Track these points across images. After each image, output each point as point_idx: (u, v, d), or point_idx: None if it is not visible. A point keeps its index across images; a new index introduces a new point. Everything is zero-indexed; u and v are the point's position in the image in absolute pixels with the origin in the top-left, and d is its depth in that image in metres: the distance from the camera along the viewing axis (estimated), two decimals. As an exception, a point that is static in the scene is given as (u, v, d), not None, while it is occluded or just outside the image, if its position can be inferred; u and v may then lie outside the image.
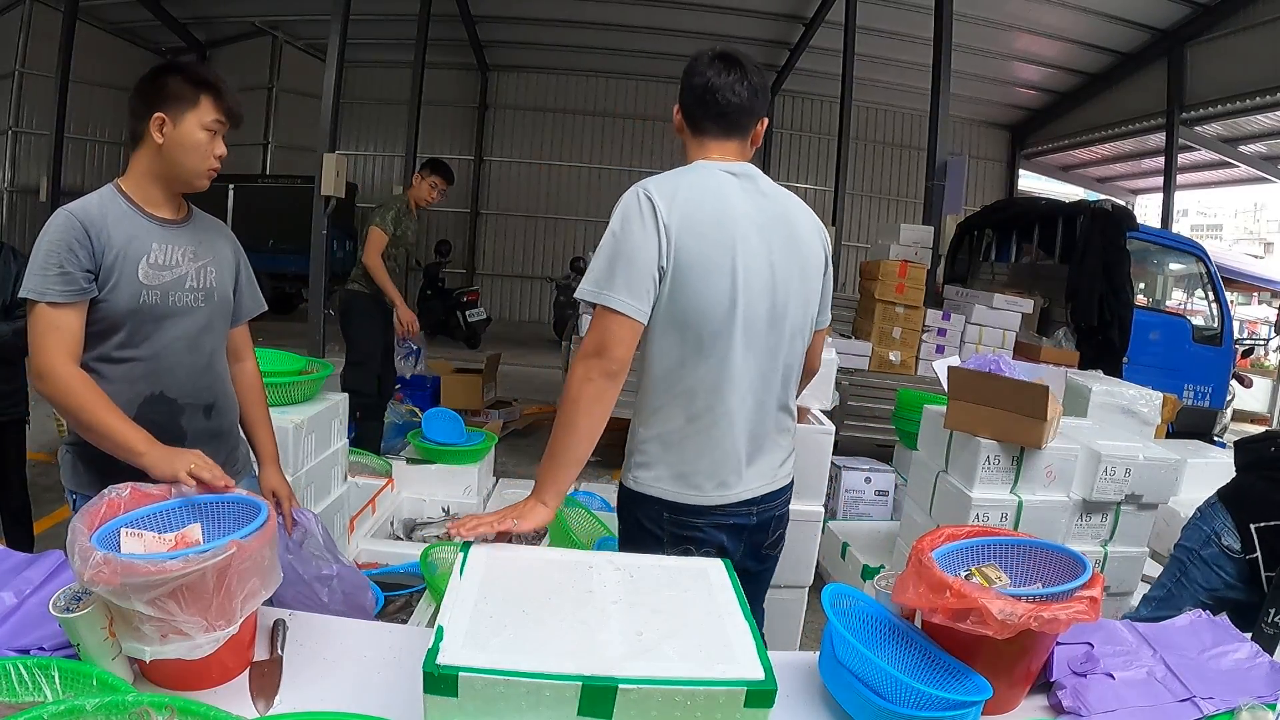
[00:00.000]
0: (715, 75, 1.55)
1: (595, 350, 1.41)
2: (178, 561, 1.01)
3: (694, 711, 0.94)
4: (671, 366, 1.50)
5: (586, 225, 14.34)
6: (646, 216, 1.44)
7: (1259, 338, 12.54)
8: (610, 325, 1.41)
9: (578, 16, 11.75)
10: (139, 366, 1.57)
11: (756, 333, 1.52)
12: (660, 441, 1.52)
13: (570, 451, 1.43)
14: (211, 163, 1.59)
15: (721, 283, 1.47)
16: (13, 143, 11.74)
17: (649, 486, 1.53)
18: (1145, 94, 11.37)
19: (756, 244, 1.50)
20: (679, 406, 1.50)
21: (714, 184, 1.51)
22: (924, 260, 5.96)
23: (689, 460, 1.51)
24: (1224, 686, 1.26)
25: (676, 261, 1.44)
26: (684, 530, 1.53)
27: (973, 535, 1.38)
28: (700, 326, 1.47)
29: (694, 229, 1.45)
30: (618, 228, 1.46)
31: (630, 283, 1.42)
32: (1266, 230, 30.28)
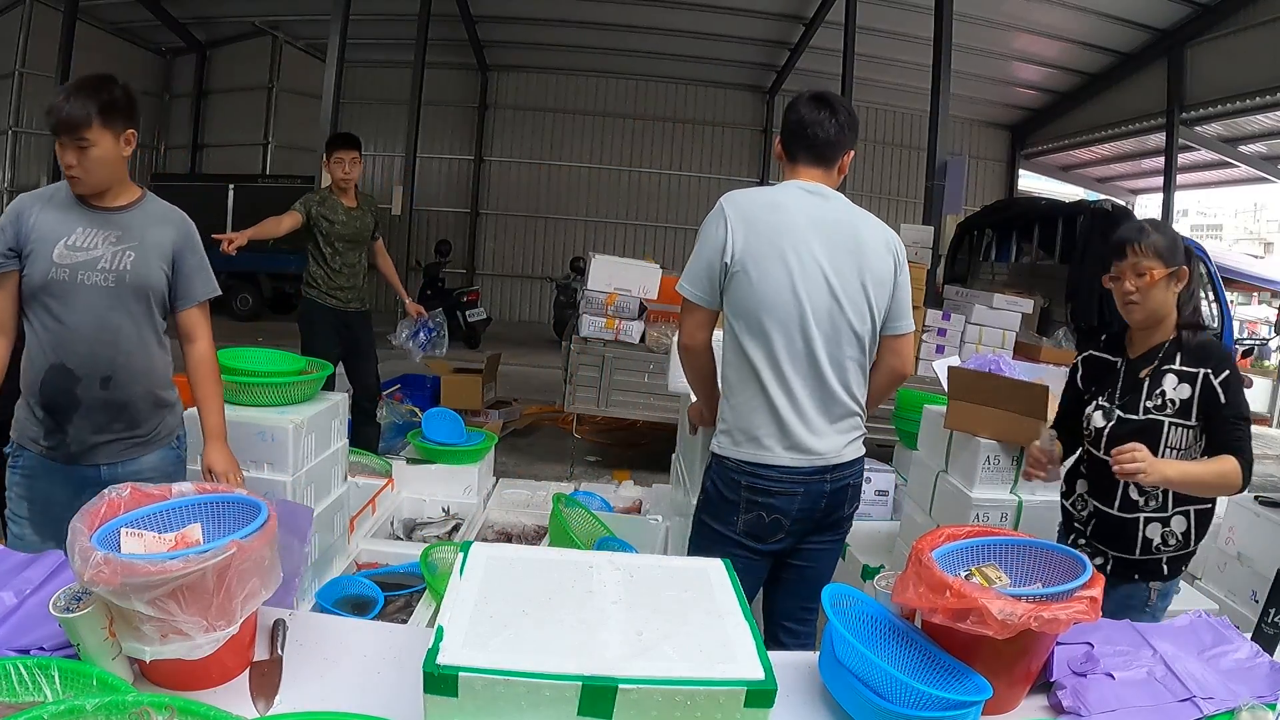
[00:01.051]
0: (808, 112, 1.84)
1: (680, 328, 1.88)
2: (178, 561, 1.01)
3: (694, 711, 0.94)
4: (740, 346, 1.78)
5: (586, 225, 14.35)
6: (719, 219, 1.77)
7: (1259, 338, 12.55)
8: (686, 309, 1.83)
9: (577, 16, 11.76)
10: (48, 336, 1.77)
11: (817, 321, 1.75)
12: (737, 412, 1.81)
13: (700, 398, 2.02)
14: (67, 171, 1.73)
15: (779, 276, 1.73)
16: (13, 143, 11.76)
17: (729, 449, 1.81)
18: (1145, 94, 11.38)
19: (816, 246, 1.75)
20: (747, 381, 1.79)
21: (784, 197, 1.79)
22: (924, 260, 5.97)
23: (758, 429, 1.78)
24: (1224, 686, 1.26)
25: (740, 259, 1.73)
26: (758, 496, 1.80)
27: (973, 535, 1.38)
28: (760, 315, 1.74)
29: (755, 230, 1.74)
30: (703, 228, 1.80)
31: (696, 276, 1.78)
32: (1266, 230, 30.30)
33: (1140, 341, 1.87)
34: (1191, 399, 1.77)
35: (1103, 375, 1.92)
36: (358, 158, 4.10)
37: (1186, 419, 1.78)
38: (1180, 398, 1.78)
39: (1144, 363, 1.84)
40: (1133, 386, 1.84)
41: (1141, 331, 1.86)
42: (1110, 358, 1.93)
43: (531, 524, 3.30)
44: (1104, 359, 1.94)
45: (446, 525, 3.23)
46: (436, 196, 14.19)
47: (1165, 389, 1.80)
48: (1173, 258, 1.75)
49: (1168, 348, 1.82)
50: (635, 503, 3.75)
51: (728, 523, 1.82)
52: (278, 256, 10.39)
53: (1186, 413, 1.78)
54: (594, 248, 12.69)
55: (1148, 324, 1.82)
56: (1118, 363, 1.90)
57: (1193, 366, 1.78)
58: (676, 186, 14.51)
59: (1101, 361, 1.94)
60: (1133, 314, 1.81)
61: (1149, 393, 1.81)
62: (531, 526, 3.28)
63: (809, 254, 1.74)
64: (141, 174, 13.96)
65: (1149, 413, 1.80)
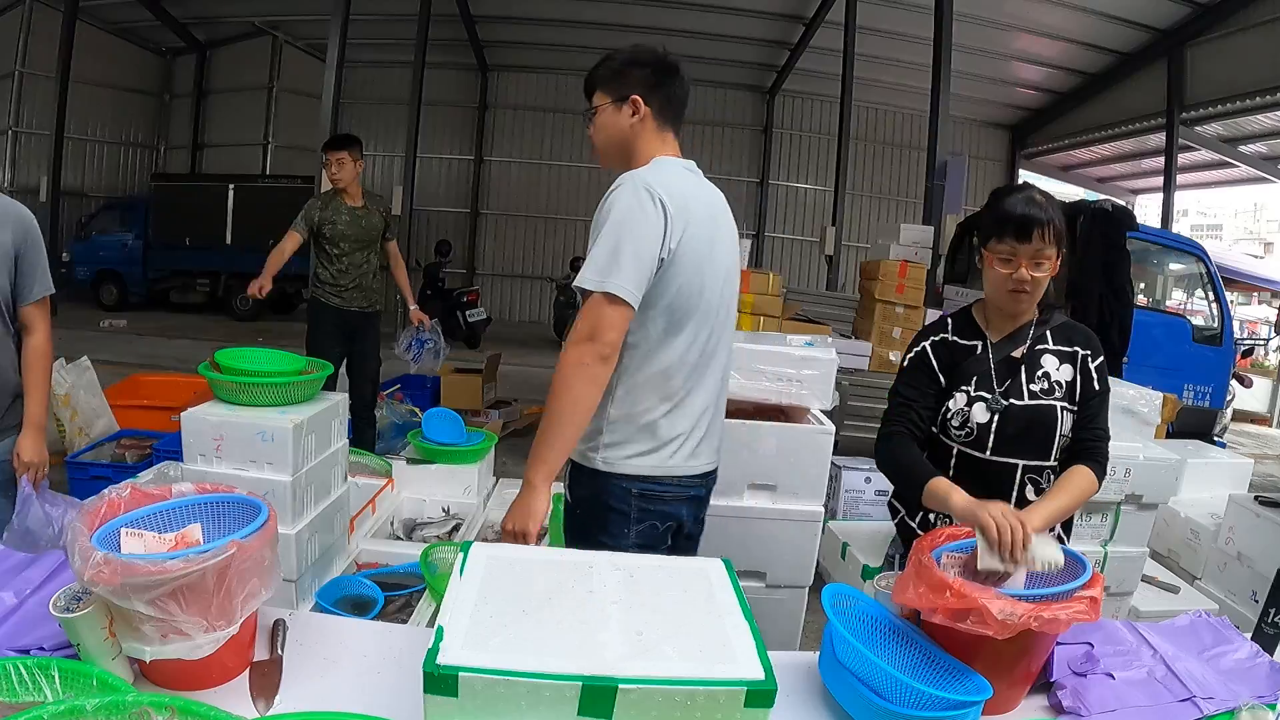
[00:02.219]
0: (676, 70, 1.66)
1: (590, 335, 1.47)
2: (178, 561, 1.01)
3: (694, 711, 0.93)
4: (652, 348, 1.57)
5: (586, 225, 14.05)
6: (655, 207, 1.50)
7: (1259, 338, 12.54)
8: (607, 311, 1.47)
9: (578, 16, 11.76)
10: None
11: (720, 316, 1.65)
12: (632, 421, 1.58)
13: (564, 436, 1.50)
14: None
15: (704, 268, 1.58)
16: (13, 143, 11.76)
17: (621, 465, 1.59)
18: (1145, 94, 11.38)
19: (714, 233, 1.63)
20: (655, 386, 1.58)
21: (691, 179, 1.63)
22: (924, 260, 5.96)
23: (661, 436, 1.59)
24: (1224, 686, 1.26)
25: (676, 250, 1.52)
26: (652, 505, 1.61)
27: (973, 535, 1.38)
28: (684, 310, 1.57)
29: (689, 219, 1.55)
30: (622, 218, 1.49)
31: (636, 271, 1.48)
32: (1266, 230, 30.28)
33: (1000, 322, 1.65)
34: (1075, 381, 1.61)
35: (961, 363, 1.64)
36: (346, 158, 3.99)
37: (1071, 402, 1.60)
38: (1065, 379, 1.61)
39: (1011, 344, 1.62)
40: (1008, 371, 1.61)
41: (996, 312, 1.64)
42: (966, 342, 1.66)
43: (531, 524, 3.29)
44: (960, 344, 1.66)
45: (446, 525, 3.22)
46: (436, 196, 14.19)
47: (1048, 370, 1.61)
48: (1064, 241, 1.55)
49: (1035, 327, 1.63)
50: (635, 503, 3.74)
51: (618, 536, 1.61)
52: (278, 257, 10.40)
53: (1072, 396, 1.60)
54: (594, 248, 12.67)
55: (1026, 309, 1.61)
56: (977, 346, 1.65)
57: (1066, 346, 1.62)
58: (676, 186, 14.50)
59: (958, 347, 1.66)
60: (1020, 304, 1.58)
61: (1030, 376, 1.61)
62: (531, 526, 3.28)
63: (717, 244, 1.63)
64: (141, 174, 14.00)
65: (1036, 397, 1.59)
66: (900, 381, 1.71)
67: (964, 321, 1.69)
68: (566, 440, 1.51)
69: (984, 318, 1.67)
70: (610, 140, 1.67)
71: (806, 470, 2.31)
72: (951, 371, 1.64)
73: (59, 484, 3.93)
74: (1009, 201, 1.56)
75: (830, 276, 11.18)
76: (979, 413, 1.59)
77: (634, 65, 1.65)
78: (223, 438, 2.34)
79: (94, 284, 12.05)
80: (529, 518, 1.49)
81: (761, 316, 5.08)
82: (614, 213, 1.50)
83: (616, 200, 1.52)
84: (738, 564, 1.31)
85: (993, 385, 1.60)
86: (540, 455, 1.50)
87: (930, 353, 1.67)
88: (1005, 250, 1.55)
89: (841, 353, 4.87)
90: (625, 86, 1.64)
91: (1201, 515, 3.98)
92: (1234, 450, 7.03)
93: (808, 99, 14.15)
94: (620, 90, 1.64)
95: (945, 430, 1.65)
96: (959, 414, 1.62)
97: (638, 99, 1.63)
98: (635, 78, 1.63)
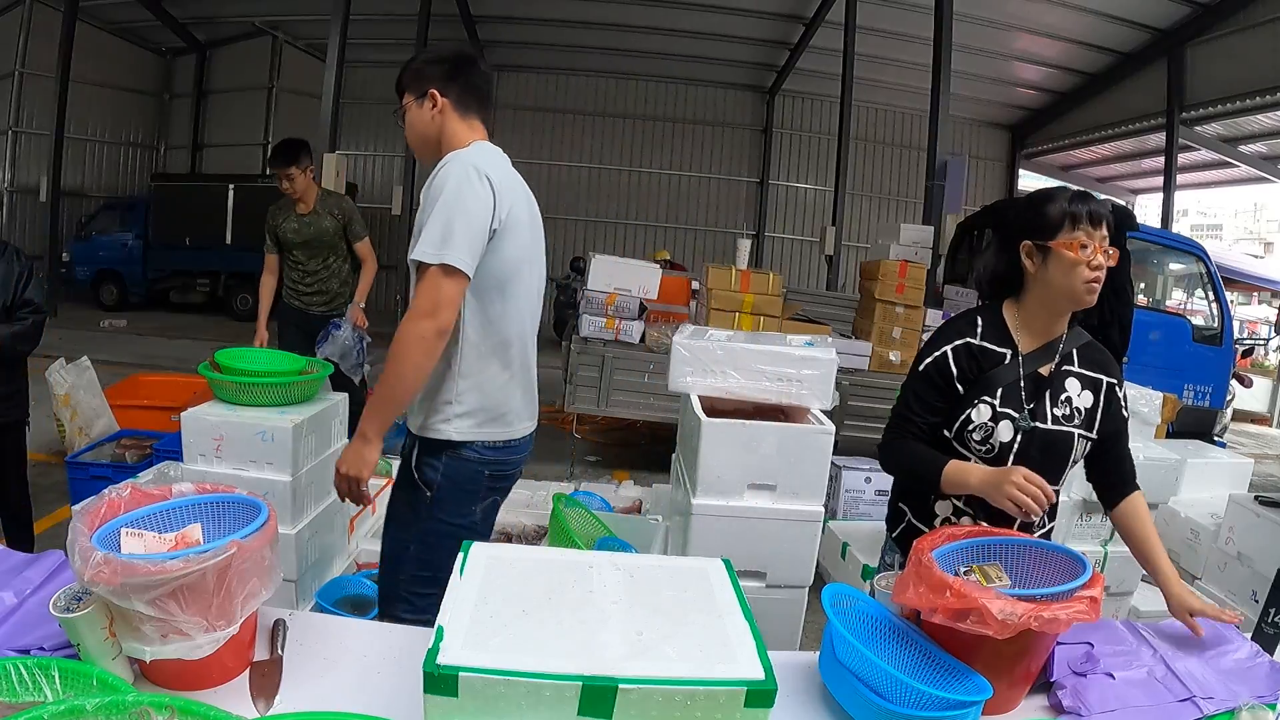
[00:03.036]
0: (473, 60, 1.79)
1: (430, 309, 1.56)
2: (178, 561, 1.01)
3: (694, 711, 0.93)
4: (492, 320, 1.70)
5: (586, 225, 14.34)
6: (481, 183, 1.61)
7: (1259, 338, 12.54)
8: (445, 284, 1.56)
9: (578, 16, 11.76)
10: None
11: (536, 290, 1.84)
12: (479, 390, 1.71)
13: (401, 400, 1.64)
14: None
15: (526, 244, 1.74)
16: (13, 143, 11.75)
17: (470, 433, 1.71)
18: (1145, 94, 11.38)
19: (531, 212, 1.81)
20: (497, 356, 1.72)
21: (507, 162, 1.77)
22: (924, 260, 5.96)
23: (504, 404, 1.75)
24: (1224, 686, 1.26)
25: (504, 224, 1.65)
26: (500, 469, 1.78)
27: (973, 535, 1.38)
28: (514, 282, 1.71)
29: (511, 193, 1.69)
30: (453, 194, 1.58)
31: (470, 243, 1.58)
32: (1266, 230, 30.27)
33: (1034, 332, 1.53)
34: (1095, 409, 1.53)
35: (988, 371, 1.52)
36: (295, 173, 3.82)
37: (1090, 430, 1.54)
38: (1084, 406, 1.53)
39: (1041, 358, 1.52)
40: (1035, 390, 1.52)
41: (1036, 318, 1.53)
42: (996, 349, 1.53)
43: (531, 524, 3.29)
44: (989, 350, 1.53)
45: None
46: (436, 196, 14.19)
47: (1070, 395, 1.52)
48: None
49: (1064, 344, 1.54)
50: (635, 503, 3.75)
51: (464, 515, 1.75)
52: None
53: (1090, 423, 1.53)
54: (594, 248, 12.69)
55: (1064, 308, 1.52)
56: (1006, 356, 1.52)
57: (1093, 371, 1.55)
58: (676, 186, 14.51)
59: (987, 354, 1.53)
60: (1093, 297, 1.46)
61: (1054, 399, 1.51)
62: (531, 526, 3.28)
63: (534, 223, 1.81)
64: (141, 174, 14.00)
65: (1058, 422, 1.51)
66: (912, 387, 1.59)
67: (995, 325, 1.55)
68: (402, 404, 1.65)
69: (1015, 323, 1.55)
70: (419, 135, 1.79)
71: (806, 470, 2.31)
72: (975, 380, 1.52)
73: (59, 484, 3.94)
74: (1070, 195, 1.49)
75: (830, 276, 11.19)
76: (1004, 431, 1.50)
77: (430, 63, 1.77)
78: (223, 438, 2.34)
79: (94, 284, 12.05)
80: (364, 465, 1.65)
81: (761, 316, 5.08)
82: (446, 190, 1.58)
83: (447, 178, 1.60)
84: (738, 564, 1.31)
85: (1020, 403, 1.50)
86: (378, 412, 1.64)
87: (951, 360, 1.53)
88: (1080, 237, 1.43)
89: (841, 353, 4.88)
90: (424, 83, 1.75)
91: (1201, 515, 3.98)
92: (1234, 450, 7.03)
93: (808, 99, 14.15)
94: (420, 87, 1.76)
95: (964, 441, 1.54)
96: (982, 428, 1.51)
97: (434, 92, 1.74)
98: (431, 73, 1.75)
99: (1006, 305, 1.57)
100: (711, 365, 2.47)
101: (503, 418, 1.75)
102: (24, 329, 2.60)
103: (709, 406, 2.43)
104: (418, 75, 1.76)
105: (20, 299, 2.59)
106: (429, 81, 1.75)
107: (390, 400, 1.63)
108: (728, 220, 14.16)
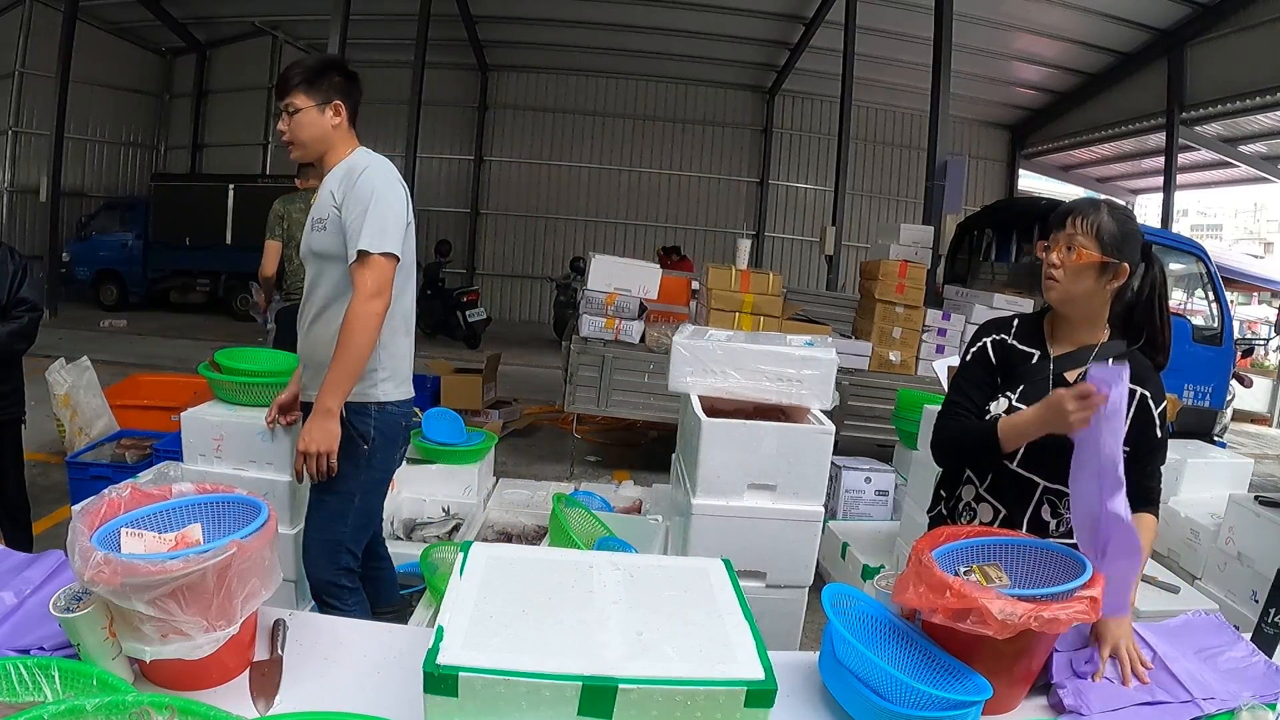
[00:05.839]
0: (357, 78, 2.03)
1: (377, 290, 1.85)
2: (178, 561, 1.01)
3: (694, 711, 0.94)
4: (400, 294, 1.98)
5: (586, 225, 14.34)
6: (401, 185, 1.96)
7: (1259, 338, 12.55)
8: (387, 269, 1.87)
9: (577, 16, 11.75)
10: None
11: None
12: (395, 357, 2.01)
13: (356, 375, 1.88)
14: None
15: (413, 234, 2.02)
16: (13, 143, 11.75)
17: (393, 394, 2.01)
18: (1145, 94, 11.38)
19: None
20: (403, 326, 2.03)
21: None
22: (924, 260, 5.96)
23: (407, 368, 2.08)
24: (1224, 686, 1.26)
25: (410, 219, 1.98)
26: (410, 421, 2.12)
27: (973, 535, 1.38)
28: (410, 265, 2.01)
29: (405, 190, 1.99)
30: (384, 194, 1.88)
31: (398, 234, 1.89)
32: (1266, 230, 30.28)
33: (1065, 336, 1.59)
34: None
35: (1015, 368, 1.60)
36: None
37: None
38: None
39: (1069, 364, 1.56)
40: None
41: (1066, 323, 1.58)
42: (1024, 348, 1.61)
43: (531, 524, 3.29)
44: (1017, 349, 1.61)
45: (446, 525, 3.23)
46: (436, 196, 14.19)
47: None
48: (1114, 249, 1.47)
49: (1097, 352, 1.56)
50: (635, 503, 3.75)
51: (391, 463, 2.09)
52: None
53: None
54: (594, 248, 12.69)
55: (1067, 310, 1.56)
56: (1034, 356, 1.60)
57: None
58: (676, 186, 14.51)
59: (1015, 351, 1.61)
60: (1050, 291, 1.53)
61: None
62: (531, 526, 3.28)
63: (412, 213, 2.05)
64: (141, 174, 14.00)
65: None
66: (959, 377, 1.68)
67: (1030, 327, 1.64)
68: (357, 375, 1.89)
69: (1051, 328, 1.61)
70: (311, 138, 1.98)
71: (806, 470, 2.31)
72: (1005, 375, 1.61)
73: (59, 483, 3.93)
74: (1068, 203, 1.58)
75: (830, 276, 11.18)
76: None
77: (331, 71, 1.97)
78: (223, 438, 2.35)
79: (94, 284, 12.04)
80: (332, 438, 1.86)
81: (761, 316, 5.08)
82: (376, 190, 1.87)
83: (374, 180, 1.89)
84: (738, 564, 1.31)
85: None
86: (339, 386, 1.86)
87: (990, 350, 1.63)
88: (1049, 240, 1.54)
89: (841, 353, 4.88)
90: (330, 92, 1.95)
91: (1201, 515, 3.98)
92: (1234, 450, 7.03)
93: (808, 99, 14.14)
94: (324, 95, 1.94)
95: None
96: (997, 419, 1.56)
97: (340, 104, 1.97)
98: (335, 84, 1.96)
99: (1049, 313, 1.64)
100: (711, 365, 2.47)
101: (408, 379, 2.07)
102: (19, 327, 2.60)
103: (709, 406, 2.42)
104: (319, 82, 1.94)
105: (15, 297, 2.60)
106: (335, 92, 1.95)
107: (350, 374, 1.86)
108: (728, 220, 14.16)
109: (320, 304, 1.98)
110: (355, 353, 1.84)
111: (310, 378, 2.01)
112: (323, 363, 1.92)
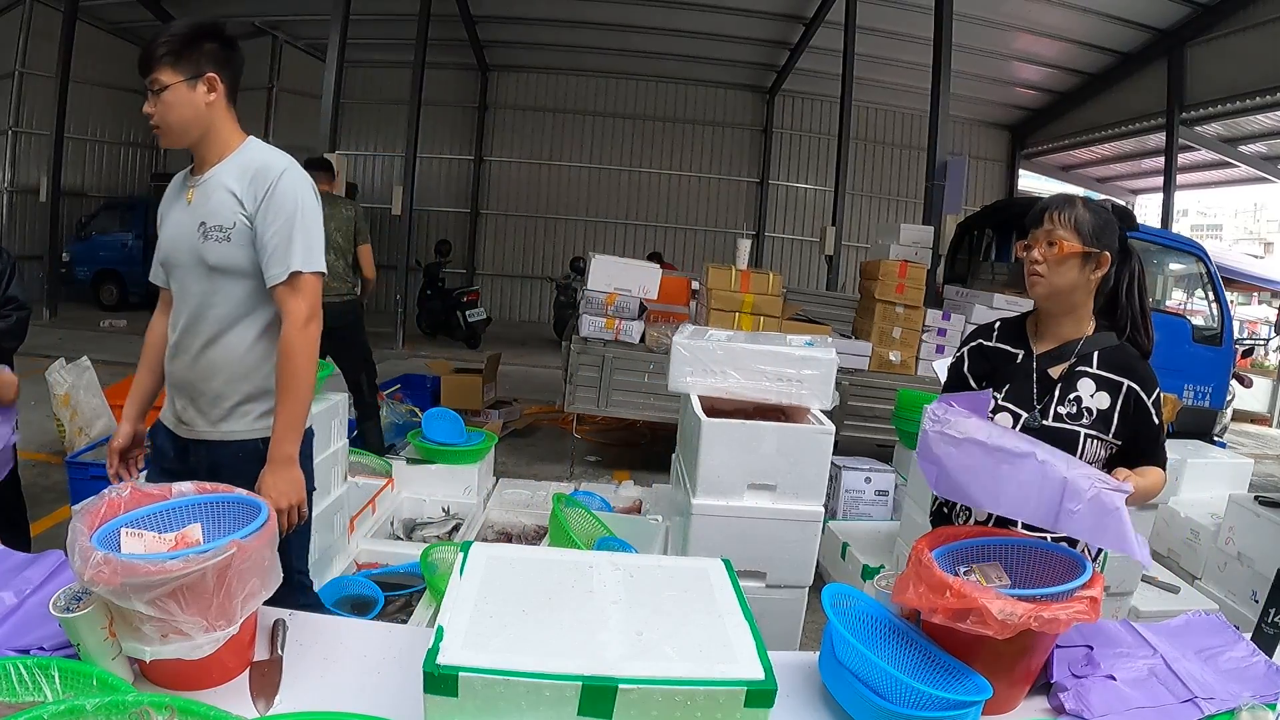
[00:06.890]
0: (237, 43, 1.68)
1: (312, 313, 1.63)
2: (178, 561, 1.01)
3: (694, 711, 0.93)
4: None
5: (586, 225, 14.34)
6: (317, 196, 1.71)
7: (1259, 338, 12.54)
8: (318, 289, 1.65)
9: (578, 16, 11.75)
10: None
11: None
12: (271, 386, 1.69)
13: (307, 407, 1.66)
14: None
15: None
16: (13, 143, 11.73)
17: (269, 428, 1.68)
18: (1145, 94, 11.37)
19: None
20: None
21: None
22: (924, 260, 5.95)
23: None
24: (1224, 686, 1.26)
25: None
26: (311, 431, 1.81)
27: (973, 535, 1.38)
28: None
29: None
30: (307, 208, 1.65)
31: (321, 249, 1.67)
32: (1266, 230, 30.27)
33: (1048, 333, 1.60)
34: (1111, 411, 1.52)
35: (998, 370, 1.62)
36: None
37: (1104, 432, 1.53)
38: (1098, 407, 1.53)
39: (1053, 360, 1.58)
40: (1045, 388, 1.56)
41: (1049, 320, 1.60)
42: (1008, 349, 1.63)
43: (531, 524, 3.29)
44: (1001, 350, 1.64)
45: (446, 525, 3.23)
46: (436, 196, 14.19)
47: (1081, 395, 1.54)
48: (1094, 239, 1.50)
49: (1082, 346, 1.56)
50: (635, 503, 3.75)
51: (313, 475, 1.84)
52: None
53: (1106, 425, 1.52)
54: (594, 248, 12.68)
55: (1051, 305, 1.57)
56: (1018, 356, 1.61)
57: (1114, 374, 1.54)
58: (676, 186, 14.50)
59: (997, 353, 1.64)
60: (1035, 287, 1.54)
61: (1061, 397, 1.55)
62: (531, 526, 3.28)
63: None
64: (141, 174, 14.00)
65: (1060, 420, 1.53)
66: (944, 387, 1.75)
67: (1013, 329, 1.66)
68: (306, 413, 1.68)
69: (1034, 327, 1.63)
70: (182, 120, 1.60)
71: (806, 470, 2.31)
72: (988, 377, 1.63)
73: (59, 484, 3.93)
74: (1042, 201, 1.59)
75: (830, 276, 11.17)
76: (1003, 422, 1.55)
77: (203, 38, 1.60)
78: (223, 438, 2.33)
79: (94, 284, 12.03)
80: (299, 486, 1.63)
81: (761, 316, 5.08)
82: (301, 200, 1.64)
83: (297, 190, 1.64)
84: (738, 564, 1.31)
85: (1030, 400, 1.56)
86: (294, 429, 1.63)
87: (966, 360, 1.68)
88: (1028, 238, 1.56)
89: (841, 353, 4.88)
90: (201, 64, 1.58)
91: (1201, 515, 3.98)
92: (1234, 450, 7.03)
93: (808, 99, 14.14)
94: (194, 68, 1.58)
95: None
96: None
97: (214, 77, 1.60)
98: (207, 53, 1.59)
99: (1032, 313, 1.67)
100: (711, 365, 2.47)
101: None
102: (8, 325, 2.60)
103: (709, 406, 2.43)
104: (188, 53, 1.57)
105: (4, 296, 2.59)
106: (208, 63, 1.59)
107: (302, 412, 1.65)
108: (728, 220, 14.16)
109: (218, 326, 1.65)
110: (304, 388, 1.63)
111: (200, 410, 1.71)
112: (219, 394, 1.67)
